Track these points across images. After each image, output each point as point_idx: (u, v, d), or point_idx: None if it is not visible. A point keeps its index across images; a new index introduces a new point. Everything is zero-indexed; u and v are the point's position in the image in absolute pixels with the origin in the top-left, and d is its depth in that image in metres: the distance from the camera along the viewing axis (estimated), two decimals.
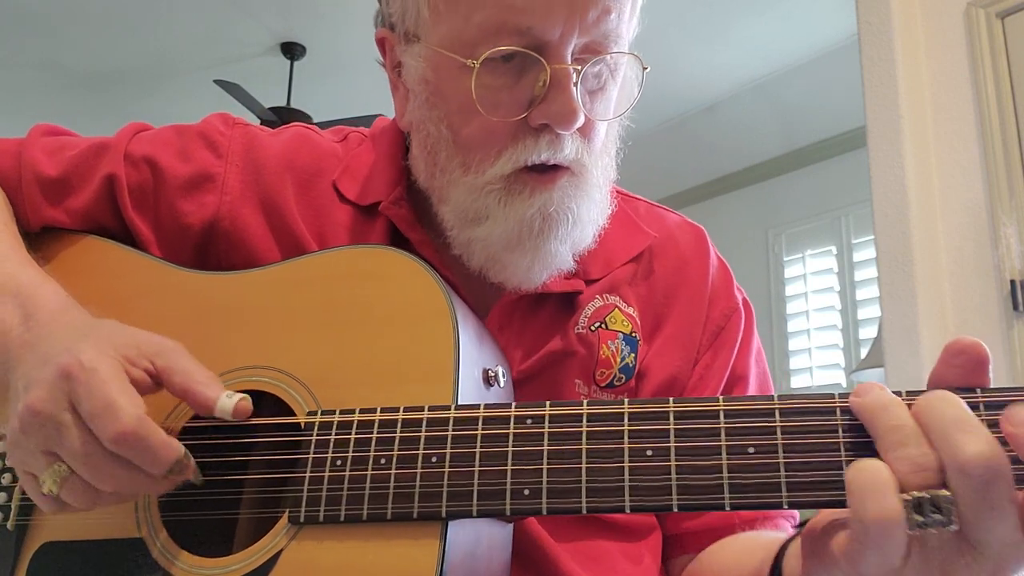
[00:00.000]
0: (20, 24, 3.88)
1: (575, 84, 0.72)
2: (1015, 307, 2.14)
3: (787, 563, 0.67)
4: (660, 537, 0.86)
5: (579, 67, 0.73)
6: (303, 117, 3.99)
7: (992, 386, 0.55)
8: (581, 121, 0.73)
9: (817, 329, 4.17)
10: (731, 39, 3.83)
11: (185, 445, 0.69)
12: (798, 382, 4.16)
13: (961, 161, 2.32)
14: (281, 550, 0.64)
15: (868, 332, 3.87)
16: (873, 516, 0.50)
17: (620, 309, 0.85)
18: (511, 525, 0.71)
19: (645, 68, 0.79)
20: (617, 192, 0.90)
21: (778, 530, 0.84)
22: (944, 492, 0.50)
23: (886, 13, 2.44)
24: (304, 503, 0.64)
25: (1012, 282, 2.16)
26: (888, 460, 0.52)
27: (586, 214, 0.78)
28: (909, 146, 2.34)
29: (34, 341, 0.67)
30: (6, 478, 0.75)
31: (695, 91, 4.20)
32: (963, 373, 0.55)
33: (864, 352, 3.60)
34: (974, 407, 0.53)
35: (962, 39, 2.39)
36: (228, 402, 0.65)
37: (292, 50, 4.04)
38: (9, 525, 0.72)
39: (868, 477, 0.51)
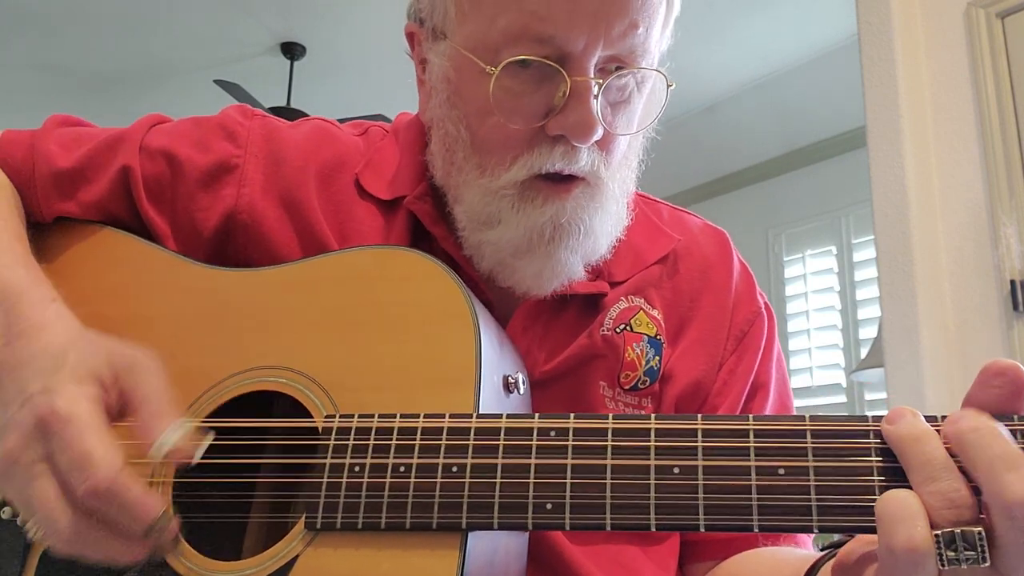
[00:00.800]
0: (20, 25, 3.88)
1: (596, 97, 0.71)
2: (1015, 307, 2.14)
3: None
4: (678, 540, 0.85)
5: (601, 80, 0.72)
6: (303, 117, 3.99)
7: None
8: (598, 135, 0.73)
9: (817, 329, 4.17)
10: (731, 39, 3.83)
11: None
12: (798, 382, 4.16)
13: (961, 161, 2.32)
14: (297, 556, 0.63)
15: (868, 332, 3.87)
16: (902, 546, 0.49)
17: (645, 311, 0.85)
18: (526, 535, 0.71)
19: (670, 85, 0.78)
20: (639, 196, 0.90)
21: (799, 546, 0.84)
22: (977, 529, 0.49)
23: (886, 13, 2.44)
24: (321, 509, 0.63)
25: (1012, 282, 2.16)
26: (920, 493, 0.51)
27: (599, 226, 0.77)
28: (909, 146, 2.34)
29: (13, 363, 0.65)
30: None
31: (695, 91, 4.20)
32: (1001, 396, 0.53)
33: (864, 352, 3.60)
34: (1012, 435, 0.52)
35: (962, 39, 2.39)
36: (169, 438, 0.62)
37: (292, 50, 4.04)
38: (19, 521, 0.72)
39: (898, 506, 0.51)
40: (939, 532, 0.49)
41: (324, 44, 4.00)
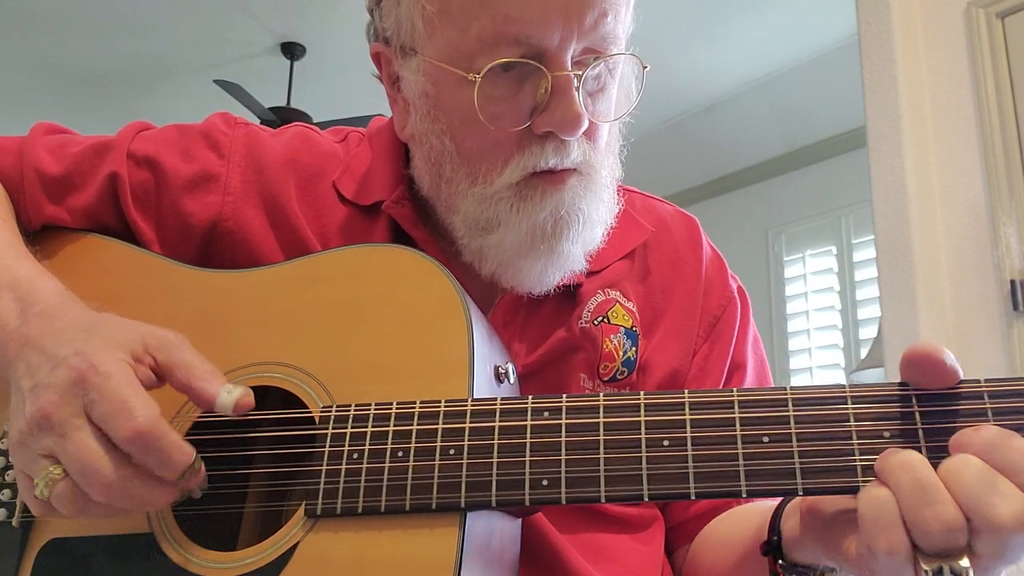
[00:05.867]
0: (19, 25, 3.87)
1: (577, 89, 0.72)
2: (1015, 307, 2.14)
3: (785, 523, 0.68)
4: (662, 526, 0.87)
5: (580, 71, 0.73)
6: (303, 117, 3.99)
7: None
8: (585, 126, 0.74)
9: (817, 329, 4.16)
10: (731, 39, 3.83)
11: (199, 437, 0.69)
12: (798, 382, 4.13)
13: (961, 161, 2.32)
14: (298, 542, 0.64)
15: (868, 332, 3.87)
16: (883, 549, 0.52)
17: (621, 304, 0.86)
18: (519, 520, 0.72)
19: (645, 67, 0.79)
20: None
21: None
22: (963, 563, 0.51)
23: (886, 13, 2.44)
24: (321, 496, 0.64)
25: (1012, 282, 2.15)
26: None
27: (595, 214, 0.78)
28: (909, 146, 2.34)
29: (36, 338, 0.67)
30: (11, 475, 0.74)
31: (695, 91, 4.20)
32: (931, 379, 0.57)
33: (864, 352, 3.60)
34: (979, 396, 0.56)
35: (962, 39, 2.39)
36: (228, 398, 0.65)
37: (292, 50, 4.04)
38: (14, 522, 0.72)
39: (879, 513, 0.53)
40: (927, 568, 0.52)
41: (324, 44, 4.00)
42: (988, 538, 0.51)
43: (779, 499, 0.72)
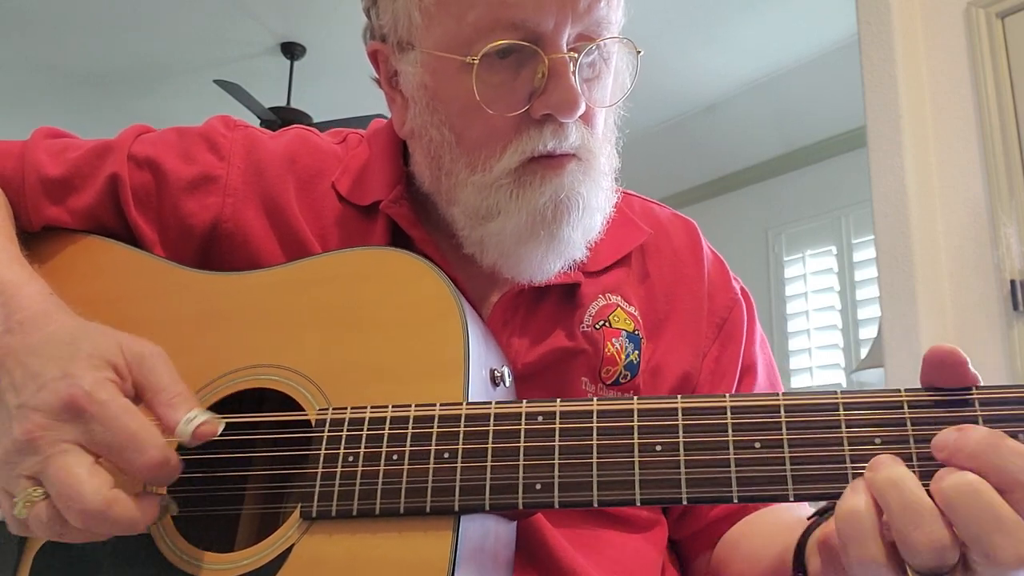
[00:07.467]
0: (19, 25, 3.88)
1: (573, 73, 0.73)
2: (1015, 307, 2.14)
3: (809, 559, 0.67)
4: (664, 531, 0.86)
5: (575, 55, 0.74)
6: (303, 117, 3.99)
7: (988, 383, 0.57)
8: (583, 108, 0.74)
9: (817, 329, 4.17)
10: (731, 39, 3.83)
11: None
12: (798, 382, 4.16)
13: (961, 161, 2.32)
14: (293, 544, 0.65)
15: (868, 332, 3.87)
16: (855, 560, 0.53)
17: (622, 308, 0.86)
18: (515, 523, 0.72)
19: (639, 51, 0.80)
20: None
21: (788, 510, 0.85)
22: None
23: (886, 13, 2.44)
24: (316, 498, 0.64)
25: (1012, 282, 2.15)
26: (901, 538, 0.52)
27: (594, 201, 0.79)
28: (909, 146, 2.34)
29: (19, 351, 0.66)
30: None
31: (695, 91, 4.20)
32: (950, 378, 0.57)
33: (864, 352, 3.60)
34: (969, 404, 0.56)
35: (962, 39, 2.39)
36: (186, 428, 0.63)
37: (292, 50, 4.04)
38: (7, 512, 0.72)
39: (850, 526, 0.53)
40: None
41: (324, 44, 4.00)
42: (986, 570, 0.51)
43: (797, 517, 0.71)
